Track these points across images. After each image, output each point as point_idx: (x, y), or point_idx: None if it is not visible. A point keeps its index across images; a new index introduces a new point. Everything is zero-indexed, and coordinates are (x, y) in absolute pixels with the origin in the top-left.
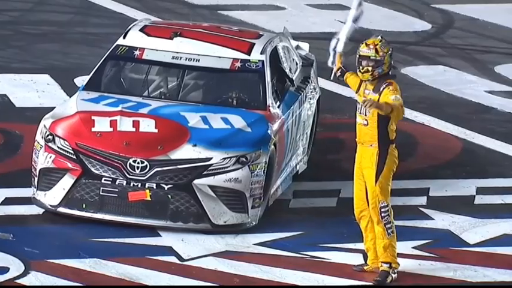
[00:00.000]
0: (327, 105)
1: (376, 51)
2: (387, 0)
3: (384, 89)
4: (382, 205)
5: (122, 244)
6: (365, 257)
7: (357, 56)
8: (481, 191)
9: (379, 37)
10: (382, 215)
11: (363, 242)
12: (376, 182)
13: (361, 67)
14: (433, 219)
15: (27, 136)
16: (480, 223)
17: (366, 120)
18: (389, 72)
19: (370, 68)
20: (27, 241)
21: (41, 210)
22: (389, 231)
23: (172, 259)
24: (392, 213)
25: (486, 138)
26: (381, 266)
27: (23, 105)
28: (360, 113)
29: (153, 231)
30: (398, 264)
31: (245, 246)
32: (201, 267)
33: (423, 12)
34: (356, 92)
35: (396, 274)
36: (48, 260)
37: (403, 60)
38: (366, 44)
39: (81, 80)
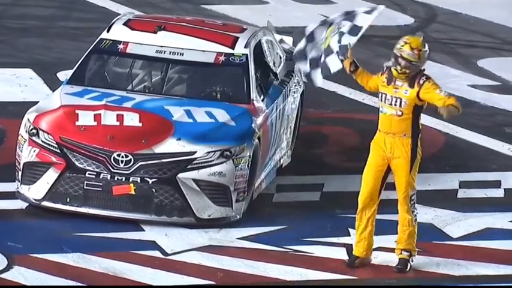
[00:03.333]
0: (310, 99)
1: (419, 57)
2: None
3: (423, 82)
4: (412, 193)
5: (106, 238)
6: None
7: (397, 53)
8: (464, 185)
9: (421, 38)
10: (411, 203)
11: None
12: (410, 170)
13: (399, 67)
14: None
15: (10, 130)
16: (463, 217)
17: (400, 111)
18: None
19: (408, 71)
20: (11, 235)
21: (24, 205)
22: (414, 218)
23: (156, 253)
24: None
25: (469, 132)
26: (401, 253)
27: (5, 100)
28: (392, 104)
29: (136, 225)
30: (416, 253)
31: (228, 240)
32: (184, 261)
33: (406, 6)
34: (370, 89)
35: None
36: (32, 255)
37: (386, 54)
38: (410, 46)
39: (64, 75)
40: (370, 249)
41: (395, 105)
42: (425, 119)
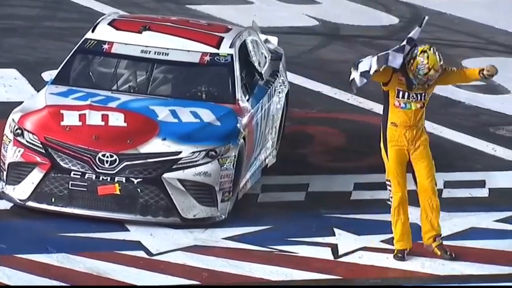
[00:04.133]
0: (295, 99)
1: (440, 68)
2: None
3: (444, 70)
4: (435, 179)
5: (90, 239)
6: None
7: (423, 79)
8: (448, 184)
9: (432, 51)
10: (436, 188)
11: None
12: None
13: (426, 85)
14: None
15: None
16: (447, 217)
17: (423, 103)
18: None
19: (431, 82)
20: None
21: (9, 205)
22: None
23: (141, 254)
24: None
25: (453, 132)
26: (435, 240)
27: None
28: (418, 99)
29: (121, 225)
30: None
31: (214, 240)
32: (169, 261)
33: (391, 6)
34: (385, 84)
35: None
36: (16, 255)
37: (371, 54)
38: (434, 70)
39: (48, 75)
40: (411, 239)
41: (420, 99)
42: None
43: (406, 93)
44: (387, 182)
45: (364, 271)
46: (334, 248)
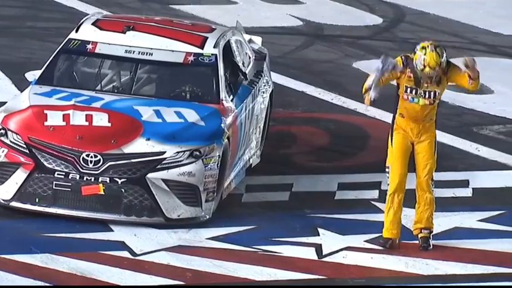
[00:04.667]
0: (279, 100)
1: (440, 66)
2: None
3: (448, 68)
4: (433, 173)
5: (74, 239)
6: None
7: (418, 67)
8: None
9: (430, 48)
10: (432, 182)
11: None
12: (435, 151)
13: (429, 80)
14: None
15: None
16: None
17: (434, 100)
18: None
19: (434, 78)
20: None
21: None
22: (434, 196)
23: (125, 254)
24: None
25: (437, 131)
26: (421, 232)
27: None
28: (426, 97)
29: (105, 226)
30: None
31: (198, 240)
32: (153, 261)
33: (374, 6)
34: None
35: None
36: (0, 255)
37: (355, 54)
38: (430, 67)
39: (32, 75)
40: (400, 231)
41: (429, 97)
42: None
43: (414, 90)
44: (386, 169)
45: (348, 271)
46: (318, 247)
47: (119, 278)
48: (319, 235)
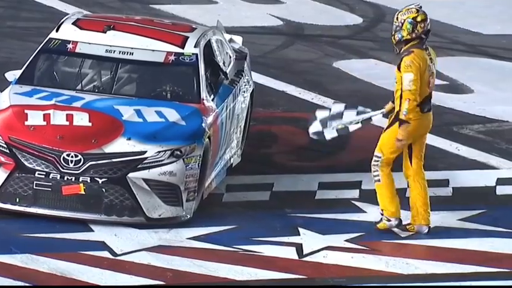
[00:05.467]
0: (259, 99)
1: (397, 18)
2: None
3: (404, 56)
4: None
5: (54, 239)
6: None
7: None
8: None
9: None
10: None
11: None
12: None
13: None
14: (365, 212)
15: None
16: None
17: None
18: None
19: (392, 32)
20: None
21: None
22: None
23: (105, 254)
24: None
25: None
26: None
27: None
28: (429, 86)
29: (85, 226)
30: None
31: (178, 240)
32: (133, 261)
33: (354, 6)
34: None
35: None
36: None
37: (335, 54)
38: (423, 18)
39: (12, 75)
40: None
41: (430, 86)
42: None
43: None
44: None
45: (328, 270)
46: (298, 247)
47: (99, 278)
48: (299, 235)
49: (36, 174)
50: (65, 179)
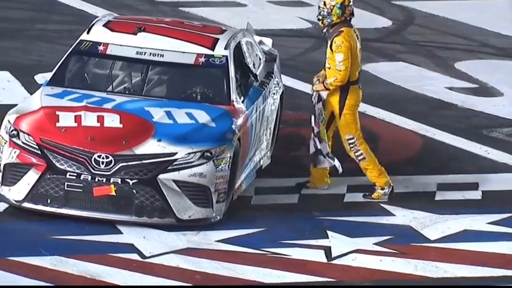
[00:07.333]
0: (288, 102)
1: (324, 3)
2: None
3: (334, 36)
4: None
5: (83, 241)
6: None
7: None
8: (441, 187)
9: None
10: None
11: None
12: None
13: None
14: (394, 215)
15: None
16: (441, 219)
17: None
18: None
19: (320, 17)
20: None
21: (4, 206)
22: None
23: (134, 256)
24: None
25: (446, 134)
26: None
27: None
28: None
29: (114, 228)
30: None
31: (207, 243)
32: (162, 264)
33: (384, 9)
34: None
35: None
36: (9, 258)
37: (364, 56)
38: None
39: (41, 77)
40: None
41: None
42: (402, 121)
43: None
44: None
45: (357, 273)
46: (327, 250)
47: (128, 281)
48: (328, 237)
49: (68, 176)
50: (96, 180)
